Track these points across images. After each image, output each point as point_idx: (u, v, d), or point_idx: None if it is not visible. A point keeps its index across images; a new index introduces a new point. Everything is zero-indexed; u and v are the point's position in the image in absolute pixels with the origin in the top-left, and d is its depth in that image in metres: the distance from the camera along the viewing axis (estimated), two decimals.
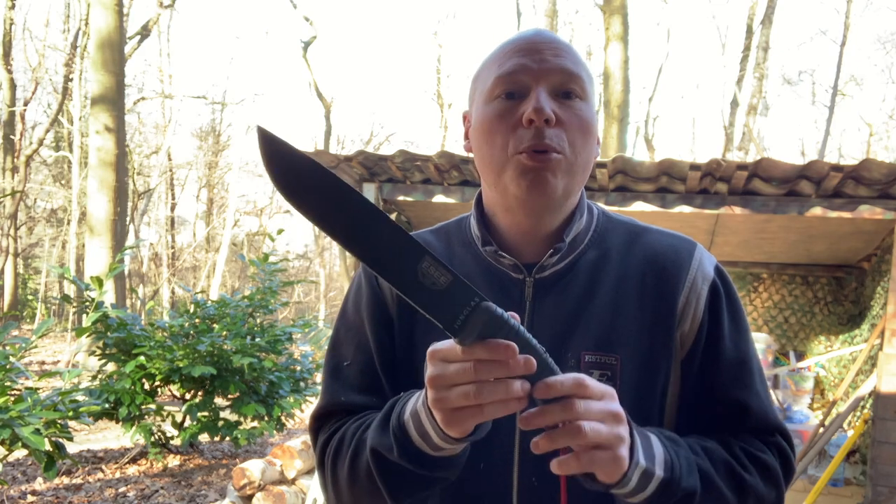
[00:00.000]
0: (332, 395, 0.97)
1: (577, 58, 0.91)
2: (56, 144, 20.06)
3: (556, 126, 0.86)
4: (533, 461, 0.88)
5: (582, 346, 0.90)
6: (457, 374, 0.68)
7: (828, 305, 6.23)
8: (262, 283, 5.92)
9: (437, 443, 0.77)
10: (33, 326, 13.45)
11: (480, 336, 0.69)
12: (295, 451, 4.53)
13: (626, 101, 10.76)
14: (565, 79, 0.88)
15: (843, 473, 4.74)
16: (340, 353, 1.00)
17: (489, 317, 0.69)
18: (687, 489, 0.79)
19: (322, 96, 19.31)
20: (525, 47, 0.90)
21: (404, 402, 0.82)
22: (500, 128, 0.88)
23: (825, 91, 20.67)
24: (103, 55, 10.29)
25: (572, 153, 0.88)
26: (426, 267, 0.69)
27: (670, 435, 0.84)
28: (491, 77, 0.91)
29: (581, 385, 0.70)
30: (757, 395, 0.93)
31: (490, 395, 0.68)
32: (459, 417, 0.70)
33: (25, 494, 4.72)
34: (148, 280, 20.63)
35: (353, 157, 4.23)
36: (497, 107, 0.89)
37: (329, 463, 0.92)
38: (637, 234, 0.98)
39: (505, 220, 0.95)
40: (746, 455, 0.88)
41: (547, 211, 0.91)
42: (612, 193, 4.18)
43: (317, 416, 0.98)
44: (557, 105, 0.87)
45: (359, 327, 0.99)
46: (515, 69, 0.88)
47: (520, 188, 0.87)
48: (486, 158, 0.91)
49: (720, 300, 0.94)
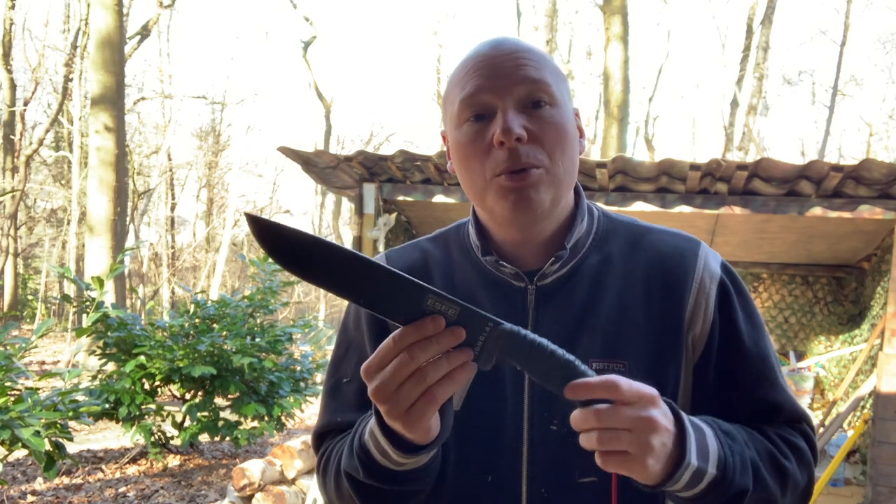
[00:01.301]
0: (330, 414, 0.98)
1: (540, 61, 0.88)
2: (56, 144, 20.06)
3: (530, 142, 0.84)
4: (542, 472, 0.88)
5: (588, 353, 0.88)
6: (397, 371, 0.69)
7: (828, 305, 6.23)
8: (263, 283, 5.92)
9: (396, 459, 0.78)
10: (33, 326, 13.43)
11: (500, 357, 0.70)
12: (295, 451, 4.53)
13: (626, 101, 10.77)
14: (531, 89, 0.85)
15: (843, 473, 4.74)
16: (341, 370, 1.00)
17: (506, 338, 0.70)
18: (739, 486, 0.77)
19: (322, 96, 19.32)
20: (484, 64, 0.87)
21: (364, 425, 0.84)
22: (474, 152, 0.86)
23: (825, 91, 20.69)
24: (103, 55, 10.30)
25: (552, 163, 0.85)
26: (431, 304, 0.69)
27: (726, 428, 0.82)
28: (456, 101, 0.88)
29: (612, 388, 0.69)
30: (783, 390, 0.92)
31: (435, 373, 0.69)
32: (416, 415, 0.70)
33: (25, 494, 4.72)
34: (148, 280, 20.63)
35: (353, 157, 4.23)
36: (467, 131, 0.87)
37: (322, 482, 0.95)
38: (640, 235, 0.96)
39: (500, 234, 0.94)
40: (783, 441, 0.88)
41: (537, 223, 0.90)
42: (612, 193, 4.19)
43: (316, 436, 1.00)
44: (527, 118, 0.85)
45: (359, 343, 0.99)
46: (477, 90, 0.86)
47: (504, 209, 0.86)
48: (467, 183, 0.90)
49: (731, 298, 0.93)
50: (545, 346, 0.70)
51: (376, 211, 4.45)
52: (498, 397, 0.90)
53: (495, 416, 0.90)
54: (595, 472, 0.86)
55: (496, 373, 0.90)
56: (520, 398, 0.89)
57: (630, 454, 0.70)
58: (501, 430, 0.89)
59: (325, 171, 4.48)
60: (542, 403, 0.88)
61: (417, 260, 0.99)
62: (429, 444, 0.77)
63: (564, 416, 0.87)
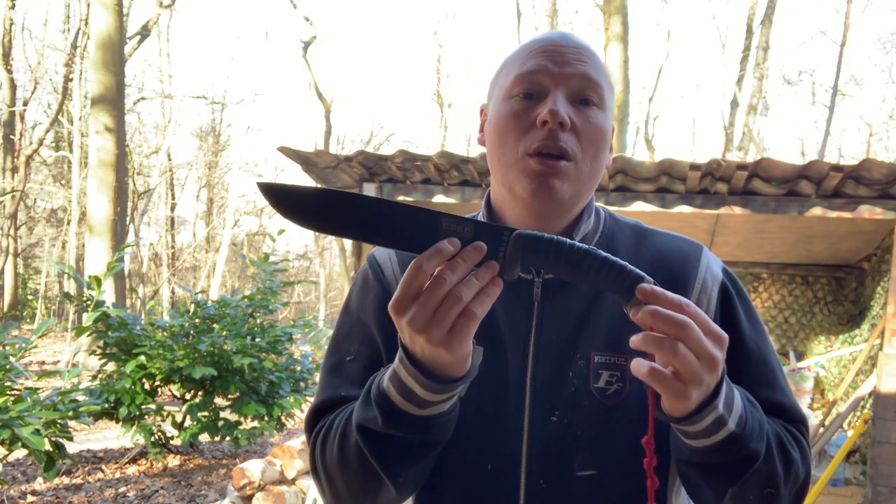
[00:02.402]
0: (332, 389, 0.95)
1: (599, 66, 0.91)
2: (56, 144, 20.06)
3: (570, 131, 0.86)
4: (540, 463, 0.88)
5: (591, 346, 0.89)
6: (430, 295, 0.69)
7: (828, 305, 6.23)
8: (263, 283, 5.92)
9: (423, 397, 0.76)
10: (33, 326, 13.44)
11: (525, 263, 0.72)
12: (295, 451, 4.53)
13: (626, 101, 10.77)
14: (585, 85, 0.88)
15: (843, 473, 4.74)
16: (343, 349, 0.98)
17: (526, 241, 0.71)
18: (752, 451, 0.77)
19: (322, 96, 19.30)
20: (548, 48, 0.89)
21: (381, 374, 0.82)
22: (514, 126, 0.88)
23: (825, 91, 20.67)
24: (103, 55, 10.30)
25: (583, 160, 0.87)
26: (447, 227, 0.72)
27: (751, 398, 0.83)
28: (511, 75, 0.90)
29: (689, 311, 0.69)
30: (784, 392, 0.93)
31: (469, 290, 0.69)
32: (458, 335, 0.70)
33: (25, 494, 4.72)
34: (148, 280, 20.63)
35: (353, 157, 4.23)
36: (513, 105, 0.89)
37: (318, 454, 0.90)
38: (644, 237, 0.98)
39: (512, 219, 0.94)
40: (788, 432, 0.88)
41: (553, 215, 0.91)
42: (612, 193, 4.18)
43: (313, 413, 0.95)
44: (574, 111, 0.87)
45: (364, 322, 0.98)
46: (535, 69, 0.88)
47: (525, 191, 0.87)
48: (497, 155, 0.91)
49: (732, 301, 0.94)
50: (576, 244, 0.71)
51: None
52: (500, 386, 0.90)
53: (496, 405, 0.90)
54: (593, 465, 0.87)
55: (500, 360, 0.91)
56: (522, 387, 0.89)
57: (682, 380, 0.69)
58: (502, 420, 0.89)
59: (325, 171, 4.48)
60: (544, 393, 0.89)
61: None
62: (463, 377, 0.76)
63: (565, 407, 0.88)
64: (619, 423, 0.87)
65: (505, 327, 0.92)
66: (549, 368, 0.89)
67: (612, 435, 0.87)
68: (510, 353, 0.91)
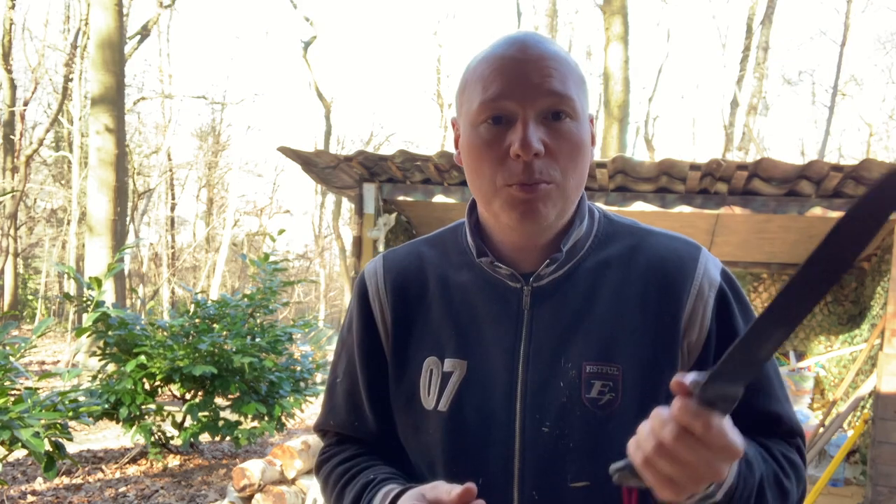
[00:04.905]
0: (326, 414, 1.05)
1: (566, 70, 0.86)
2: (56, 144, 20.05)
3: (546, 156, 0.83)
4: (533, 475, 0.87)
5: (583, 356, 0.88)
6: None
7: (828, 305, 6.23)
8: (263, 283, 5.92)
9: None
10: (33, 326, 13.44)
11: None
12: (295, 451, 4.53)
13: (626, 101, 10.76)
14: (553, 102, 0.83)
15: (843, 473, 4.74)
16: (336, 370, 1.05)
17: None
18: None
19: (322, 96, 19.29)
20: (509, 68, 0.84)
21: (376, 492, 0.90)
22: (488, 156, 0.85)
23: (825, 91, 20.67)
24: (103, 55, 10.29)
25: (563, 179, 0.85)
26: None
27: (749, 458, 0.81)
28: (476, 100, 0.86)
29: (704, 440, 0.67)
30: (780, 402, 0.91)
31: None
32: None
33: (25, 494, 4.72)
34: (148, 280, 20.62)
35: (353, 157, 4.23)
36: (483, 133, 0.85)
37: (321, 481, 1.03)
38: (640, 239, 0.95)
39: (499, 236, 0.93)
40: (785, 459, 0.88)
41: (542, 234, 0.90)
42: (612, 193, 4.18)
43: (316, 428, 1.08)
44: (546, 130, 0.84)
45: (350, 347, 1.01)
46: (499, 95, 0.84)
47: (511, 218, 0.86)
48: (476, 185, 0.89)
49: (730, 306, 0.91)
50: None
51: (376, 211, 4.45)
52: (490, 398, 0.89)
53: (487, 417, 0.89)
54: (587, 476, 0.86)
55: (488, 372, 0.90)
56: (512, 398, 0.88)
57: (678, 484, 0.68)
58: (493, 432, 0.89)
59: (325, 171, 4.48)
60: (535, 404, 0.87)
61: (412, 263, 0.99)
62: None
63: (557, 417, 0.87)
64: (612, 434, 0.86)
65: (492, 337, 0.91)
66: (539, 378, 0.88)
67: (606, 445, 0.86)
68: (499, 363, 0.90)
